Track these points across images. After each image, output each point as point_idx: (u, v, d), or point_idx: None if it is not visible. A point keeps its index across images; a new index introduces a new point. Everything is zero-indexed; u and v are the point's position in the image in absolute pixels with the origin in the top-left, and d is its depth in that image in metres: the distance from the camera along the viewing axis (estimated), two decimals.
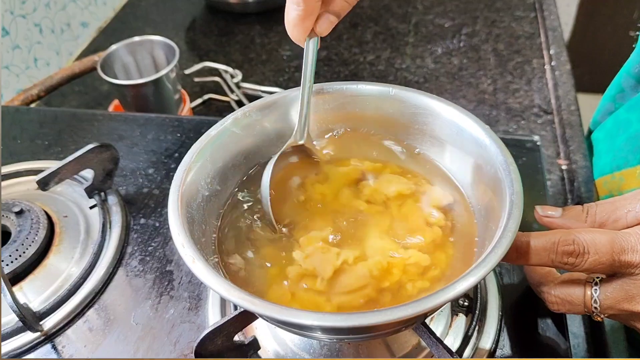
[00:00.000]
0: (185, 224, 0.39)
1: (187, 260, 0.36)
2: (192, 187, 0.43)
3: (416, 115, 0.48)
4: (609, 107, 0.63)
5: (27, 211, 0.57)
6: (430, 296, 0.32)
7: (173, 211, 0.40)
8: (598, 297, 0.40)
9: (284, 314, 0.33)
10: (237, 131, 0.47)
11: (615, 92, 0.62)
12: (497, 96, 0.87)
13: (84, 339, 0.50)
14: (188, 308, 0.52)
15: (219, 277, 0.35)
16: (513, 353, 0.47)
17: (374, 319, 0.32)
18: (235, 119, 0.47)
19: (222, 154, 0.46)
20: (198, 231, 0.41)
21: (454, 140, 0.46)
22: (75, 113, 0.75)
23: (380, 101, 0.49)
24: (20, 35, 0.92)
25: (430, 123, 0.47)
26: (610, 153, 0.60)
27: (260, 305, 0.33)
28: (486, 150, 0.42)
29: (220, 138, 0.46)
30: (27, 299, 0.52)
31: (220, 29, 1.10)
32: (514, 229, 0.35)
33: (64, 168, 0.57)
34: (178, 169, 0.43)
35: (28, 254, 0.54)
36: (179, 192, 0.41)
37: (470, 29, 1.03)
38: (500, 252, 0.34)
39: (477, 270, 0.33)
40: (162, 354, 0.48)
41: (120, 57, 0.83)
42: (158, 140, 0.69)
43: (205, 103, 0.92)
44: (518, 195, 0.38)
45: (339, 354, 0.47)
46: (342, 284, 0.41)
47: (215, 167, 0.46)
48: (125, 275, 0.55)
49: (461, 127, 0.45)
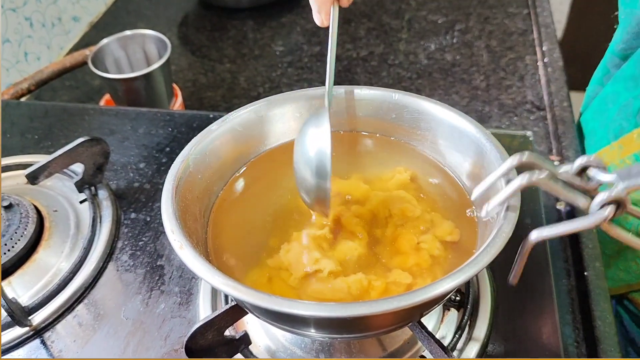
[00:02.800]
0: (177, 212, 0.38)
1: (175, 245, 0.36)
2: (190, 178, 0.43)
3: (419, 121, 0.48)
4: (598, 90, 0.64)
5: (16, 205, 0.56)
6: (428, 287, 0.32)
7: (166, 198, 0.39)
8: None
9: (265, 301, 0.32)
10: (240, 129, 0.47)
11: (602, 74, 0.63)
12: (489, 92, 0.87)
13: (74, 334, 0.50)
14: (179, 303, 0.51)
15: (205, 263, 0.35)
16: (505, 348, 0.47)
17: (363, 310, 0.31)
18: (239, 117, 0.47)
19: (223, 150, 0.47)
20: (191, 221, 0.41)
21: (455, 145, 0.46)
22: (66, 107, 0.74)
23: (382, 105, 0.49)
24: (10, 29, 0.91)
25: (433, 129, 0.47)
26: (604, 127, 0.60)
27: (243, 292, 0.33)
28: (486, 156, 0.42)
29: (222, 134, 0.46)
30: (16, 293, 0.51)
31: (213, 24, 1.10)
32: (509, 229, 0.35)
33: (54, 162, 0.56)
34: (177, 159, 0.43)
35: (17, 248, 0.53)
36: (174, 180, 0.41)
37: (464, 25, 1.03)
38: (494, 251, 0.34)
39: (473, 265, 0.33)
40: (153, 348, 0.48)
41: (111, 51, 0.82)
42: (149, 134, 0.69)
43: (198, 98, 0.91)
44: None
45: (331, 348, 0.47)
46: (314, 289, 0.40)
47: (217, 161, 0.46)
48: (116, 270, 0.54)
49: (462, 131, 0.45)
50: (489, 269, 0.52)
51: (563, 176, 0.35)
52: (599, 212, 0.31)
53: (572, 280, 0.58)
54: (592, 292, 0.55)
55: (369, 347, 0.47)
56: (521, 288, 0.51)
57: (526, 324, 0.49)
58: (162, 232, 0.57)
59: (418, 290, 0.32)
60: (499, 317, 0.49)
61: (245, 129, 0.48)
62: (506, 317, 0.49)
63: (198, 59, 1.00)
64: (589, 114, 0.66)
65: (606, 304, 0.54)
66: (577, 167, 0.35)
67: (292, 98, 0.49)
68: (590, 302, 0.54)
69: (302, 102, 0.49)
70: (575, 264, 0.59)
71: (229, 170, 0.48)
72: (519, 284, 0.51)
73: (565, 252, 0.60)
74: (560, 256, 0.59)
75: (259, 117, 0.48)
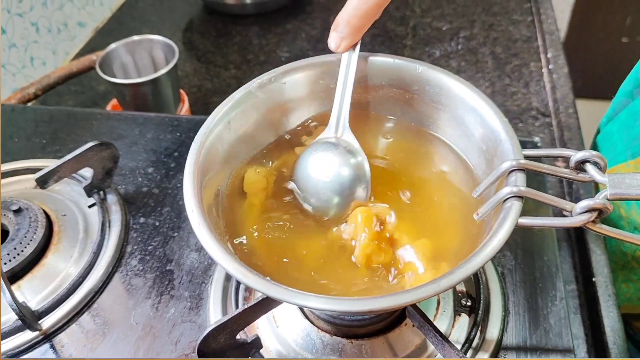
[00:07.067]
0: (198, 189, 0.38)
1: (194, 224, 0.36)
2: (212, 149, 0.42)
3: (439, 96, 0.46)
4: (625, 102, 0.64)
5: (25, 209, 0.56)
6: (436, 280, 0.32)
7: (189, 175, 0.39)
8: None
9: (272, 290, 0.33)
10: (262, 95, 0.46)
11: (633, 87, 0.62)
12: (495, 99, 0.87)
13: (84, 339, 0.49)
14: (189, 307, 0.51)
15: (221, 246, 0.35)
16: (516, 353, 0.47)
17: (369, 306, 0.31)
18: (261, 83, 0.46)
19: (245, 119, 0.45)
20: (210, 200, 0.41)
21: (471, 128, 0.45)
22: (74, 112, 0.75)
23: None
24: (17, 34, 0.91)
25: (453, 106, 0.45)
26: (626, 143, 0.60)
27: (254, 280, 0.33)
28: (500, 145, 0.41)
29: (244, 102, 0.45)
30: (25, 297, 0.51)
31: (218, 30, 1.10)
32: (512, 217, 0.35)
33: (64, 166, 0.56)
34: (199, 133, 0.42)
35: (26, 252, 0.53)
36: (197, 156, 0.40)
37: (468, 32, 1.03)
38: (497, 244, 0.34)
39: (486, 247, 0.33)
40: (163, 353, 0.48)
41: (119, 56, 0.83)
42: (157, 139, 0.69)
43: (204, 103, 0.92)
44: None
45: (342, 353, 0.47)
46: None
47: (236, 134, 0.45)
48: (125, 275, 0.54)
49: (480, 114, 0.43)
50: (499, 274, 0.52)
51: (560, 172, 0.38)
52: (579, 216, 0.34)
53: (580, 285, 0.58)
54: (600, 298, 0.55)
55: (380, 352, 0.46)
56: (531, 291, 0.51)
57: (537, 330, 0.49)
58: (171, 236, 0.57)
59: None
60: (510, 322, 0.49)
61: (267, 95, 0.47)
62: (517, 323, 0.49)
63: (203, 65, 1.01)
64: (615, 125, 0.65)
65: (614, 310, 0.54)
66: (577, 159, 0.37)
67: (314, 64, 0.48)
68: (599, 307, 0.54)
69: (324, 67, 0.48)
70: (583, 269, 0.59)
71: (257, 141, 0.47)
72: (529, 288, 0.52)
73: (573, 257, 0.60)
74: (568, 262, 0.59)
75: (280, 84, 0.47)
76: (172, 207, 0.60)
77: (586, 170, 0.37)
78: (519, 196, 0.35)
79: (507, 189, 0.36)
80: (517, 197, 0.35)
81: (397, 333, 0.47)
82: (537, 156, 0.41)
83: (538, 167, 0.37)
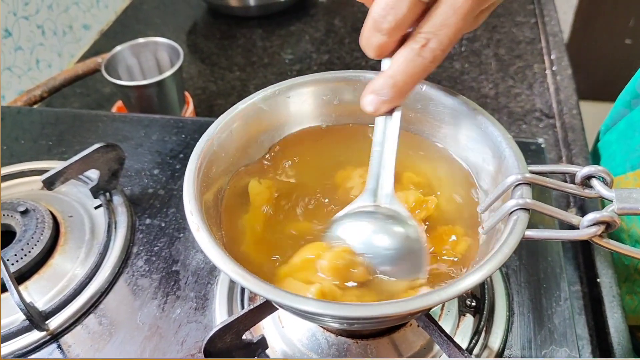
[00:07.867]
0: (198, 193, 0.38)
1: (193, 228, 0.36)
2: (213, 157, 0.42)
3: (443, 114, 0.46)
4: (624, 112, 0.63)
5: (32, 211, 0.57)
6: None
7: (189, 179, 0.39)
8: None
9: (271, 294, 0.32)
10: (265, 107, 0.46)
11: (631, 97, 0.62)
12: (498, 100, 0.87)
13: (90, 339, 0.50)
14: (195, 308, 0.52)
15: (219, 248, 0.35)
16: (521, 353, 0.47)
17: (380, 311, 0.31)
18: (265, 96, 0.46)
19: (247, 129, 0.46)
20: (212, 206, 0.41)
21: (476, 145, 0.44)
22: (79, 114, 0.75)
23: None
24: (22, 36, 0.92)
25: (455, 124, 0.45)
26: (625, 154, 0.60)
27: (253, 282, 0.33)
28: (505, 161, 0.41)
29: (248, 113, 0.46)
30: (32, 298, 0.52)
31: (222, 32, 1.11)
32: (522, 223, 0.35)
33: (70, 167, 0.57)
34: (200, 140, 0.42)
35: (33, 253, 0.53)
36: (198, 161, 0.40)
37: (471, 34, 1.04)
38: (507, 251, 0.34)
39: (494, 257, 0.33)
40: (169, 353, 0.48)
41: (124, 58, 0.83)
42: (163, 141, 0.69)
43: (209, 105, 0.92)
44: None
45: (347, 354, 0.47)
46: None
47: (240, 141, 0.45)
48: (131, 275, 0.55)
49: (484, 131, 0.43)
50: (504, 275, 0.53)
51: (566, 187, 0.37)
52: (586, 229, 0.33)
53: (584, 286, 0.58)
54: (605, 299, 0.55)
55: (385, 352, 0.47)
56: (536, 291, 0.52)
57: (541, 330, 0.49)
58: (177, 237, 0.58)
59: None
60: (515, 323, 0.49)
61: (270, 108, 0.47)
62: (521, 323, 0.49)
63: (208, 67, 1.01)
64: (613, 135, 0.65)
65: (619, 311, 0.54)
66: (583, 174, 0.36)
67: (319, 80, 0.48)
68: (604, 308, 0.54)
69: (329, 84, 0.48)
70: (587, 270, 0.59)
71: (258, 149, 0.47)
72: (534, 288, 0.52)
73: (577, 258, 0.60)
74: (572, 262, 0.59)
75: (284, 98, 0.47)
76: (177, 208, 0.61)
77: (592, 185, 0.36)
78: (526, 209, 0.35)
79: (514, 201, 0.35)
80: (523, 210, 0.35)
81: (402, 333, 0.47)
82: (542, 172, 0.41)
83: (544, 182, 0.37)
